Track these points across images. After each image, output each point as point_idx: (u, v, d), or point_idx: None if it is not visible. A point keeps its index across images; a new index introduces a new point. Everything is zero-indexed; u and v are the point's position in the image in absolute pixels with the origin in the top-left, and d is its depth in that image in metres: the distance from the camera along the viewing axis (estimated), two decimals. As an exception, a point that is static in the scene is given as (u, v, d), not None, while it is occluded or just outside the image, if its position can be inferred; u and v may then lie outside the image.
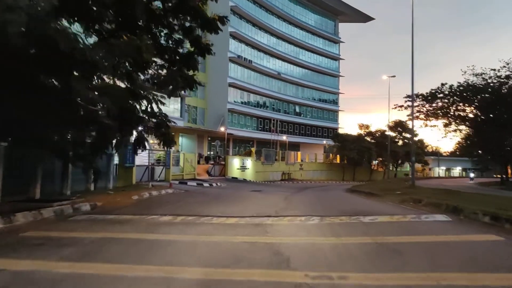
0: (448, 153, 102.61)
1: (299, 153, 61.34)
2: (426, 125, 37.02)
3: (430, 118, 36.13)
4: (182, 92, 47.33)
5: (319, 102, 78.22)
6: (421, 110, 35.93)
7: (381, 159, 70.04)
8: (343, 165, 66.48)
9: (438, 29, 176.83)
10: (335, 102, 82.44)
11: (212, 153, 53.57)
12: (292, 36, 71.48)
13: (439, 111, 35.44)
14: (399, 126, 70.88)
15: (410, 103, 34.61)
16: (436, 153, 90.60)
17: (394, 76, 49.77)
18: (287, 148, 59.71)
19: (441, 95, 35.04)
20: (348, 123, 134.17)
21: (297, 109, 74.43)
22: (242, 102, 61.94)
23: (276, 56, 68.83)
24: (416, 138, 72.63)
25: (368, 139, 68.97)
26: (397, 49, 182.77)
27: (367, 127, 69.00)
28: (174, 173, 30.01)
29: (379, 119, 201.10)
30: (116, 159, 22.84)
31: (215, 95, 58.55)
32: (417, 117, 35.79)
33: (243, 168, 43.25)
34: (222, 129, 52.61)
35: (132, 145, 23.76)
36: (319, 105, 77.96)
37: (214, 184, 29.75)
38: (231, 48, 59.00)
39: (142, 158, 27.44)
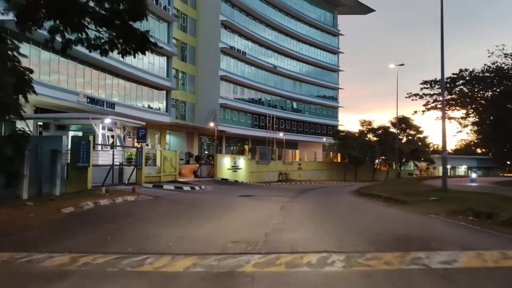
0: (448, 151, 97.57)
1: (297, 151, 56.17)
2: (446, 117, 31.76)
3: (452, 108, 30.93)
4: (166, 83, 42.03)
5: (317, 98, 73.07)
6: (438, 99, 30.75)
7: (383, 157, 64.87)
8: (344, 164, 61.33)
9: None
10: (334, 98, 77.31)
11: (206, 152, 48.30)
12: (288, 28, 66.31)
13: (458, 100, 30.34)
14: (402, 122, 65.84)
15: (427, 91, 29.53)
16: (437, 151, 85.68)
17: (402, 65, 44.64)
18: (284, 146, 54.50)
19: (461, 81, 29.95)
20: (348, 121, 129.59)
21: (295, 105, 69.24)
22: (235, 97, 56.71)
23: (271, 48, 63.65)
24: (421, 135, 67.85)
25: (371, 136, 63.77)
26: (400, 43, 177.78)
27: (369, 123, 63.92)
28: (149, 175, 24.79)
29: (381, 117, 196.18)
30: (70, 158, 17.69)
31: (206, 89, 53.35)
32: (435, 107, 30.66)
33: (234, 168, 38.02)
34: (212, 124, 47.40)
35: (85, 140, 18.59)
36: (317, 101, 72.81)
37: (197, 188, 24.53)
38: (223, 39, 53.80)
39: (106, 156, 22.20)
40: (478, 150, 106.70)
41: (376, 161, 66.79)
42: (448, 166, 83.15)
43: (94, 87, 34.14)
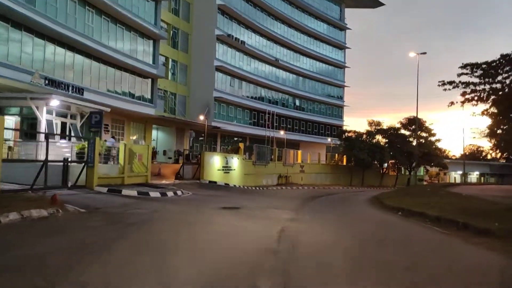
0: (455, 157, 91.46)
1: (299, 151, 49.90)
2: (486, 113, 25.26)
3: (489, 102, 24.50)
4: (152, 70, 35.70)
5: (322, 96, 66.73)
6: (478, 89, 24.39)
7: (393, 161, 58.53)
8: (350, 167, 54.97)
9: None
10: (339, 97, 70.94)
11: (190, 149, 41.95)
12: (292, 18, 60.07)
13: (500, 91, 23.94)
14: (414, 123, 59.47)
15: (469, 78, 23.21)
16: (447, 157, 79.56)
17: (424, 53, 38.29)
18: (285, 147, 48.22)
19: (507, 68, 23.58)
20: (354, 124, 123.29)
21: (297, 103, 62.95)
22: (232, 91, 50.43)
23: (273, 40, 57.41)
24: (433, 138, 61.61)
25: (379, 137, 57.45)
26: (409, 40, 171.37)
27: (378, 123, 57.59)
28: (106, 175, 18.54)
29: (389, 121, 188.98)
30: None
31: (199, 80, 47.15)
32: (471, 100, 24.27)
33: (226, 169, 31.76)
34: (202, 118, 41.24)
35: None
36: (322, 99, 66.53)
37: (170, 193, 18.28)
38: (220, 25, 47.59)
39: (54, 150, 15.95)
40: (489, 156, 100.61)
41: (384, 165, 60.48)
42: (459, 173, 76.84)
43: (58, 68, 27.92)
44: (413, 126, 59.95)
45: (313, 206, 19.27)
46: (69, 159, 16.91)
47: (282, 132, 51.73)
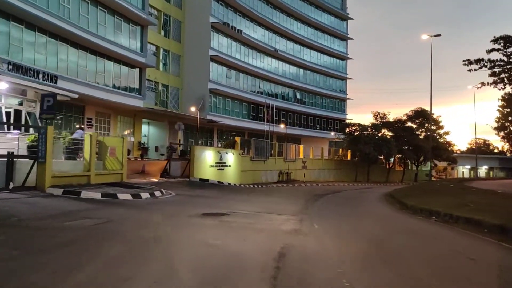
0: (460, 151, 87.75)
1: (301, 146, 46.15)
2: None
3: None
4: (140, 59, 32.01)
5: (323, 88, 62.93)
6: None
7: (400, 155, 54.78)
8: (355, 162, 51.27)
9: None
10: (342, 90, 67.11)
11: (182, 144, 38.30)
12: (291, 7, 56.26)
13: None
14: (420, 115, 55.80)
15: (497, 55, 19.57)
16: (453, 151, 75.79)
17: (439, 35, 34.46)
18: (286, 142, 44.53)
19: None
20: (356, 117, 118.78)
21: (298, 96, 59.22)
22: (229, 83, 46.74)
23: (272, 29, 53.64)
24: (441, 131, 57.92)
25: (385, 131, 53.69)
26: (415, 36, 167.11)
27: (384, 115, 53.75)
28: (66, 173, 14.91)
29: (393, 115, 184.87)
30: None
31: (194, 71, 43.48)
32: (501, 81, 20.60)
33: (220, 165, 28.12)
34: (193, 109, 37.71)
35: None
36: (323, 92, 62.74)
37: (145, 195, 14.69)
38: (214, 12, 43.87)
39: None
40: (495, 150, 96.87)
41: (390, 160, 56.77)
42: (467, 167, 73.10)
43: (27, 52, 24.29)
44: (420, 119, 56.44)
45: (320, 209, 15.65)
46: (13, 153, 13.25)
47: (282, 126, 48.03)
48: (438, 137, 57.05)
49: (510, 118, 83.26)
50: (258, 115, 50.29)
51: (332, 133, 59.06)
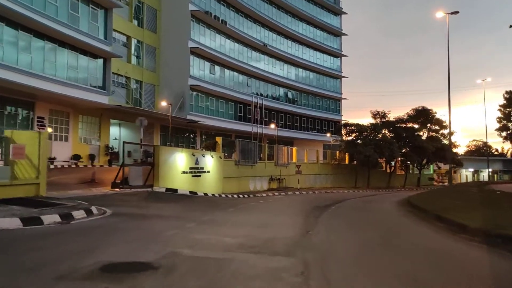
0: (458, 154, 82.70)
1: (294, 149, 40.52)
2: None
3: None
4: (104, 47, 25.99)
5: (317, 87, 57.42)
6: None
7: (401, 158, 49.34)
8: (354, 167, 45.76)
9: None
10: (337, 89, 61.59)
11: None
12: (281, -1, 50.87)
13: None
14: (422, 115, 50.49)
15: None
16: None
17: (456, 12, 28.98)
18: (277, 143, 38.88)
19: None
20: (352, 120, 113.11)
21: (290, 95, 53.64)
22: (213, 79, 41.08)
23: (260, 22, 48.22)
24: (445, 131, 52.66)
25: (386, 131, 48.23)
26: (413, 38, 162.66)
27: (384, 115, 48.21)
28: None
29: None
30: None
31: (171, 65, 37.85)
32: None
33: (196, 171, 22.40)
34: (164, 103, 32.19)
35: None
36: (317, 91, 57.22)
37: (52, 219, 9.21)
38: (195, 0, 38.28)
39: None
40: (495, 152, 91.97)
41: (391, 163, 51.42)
42: (471, 170, 67.92)
43: None
44: (422, 118, 51.12)
45: (328, 233, 10.11)
46: None
47: (273, 126, 42.42)
48: (441, 138, 51.66)
49: (512, 118, 78.57)
50: (246, 115, 44.68)
51: (328, 135, 53.58)
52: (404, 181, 50.80)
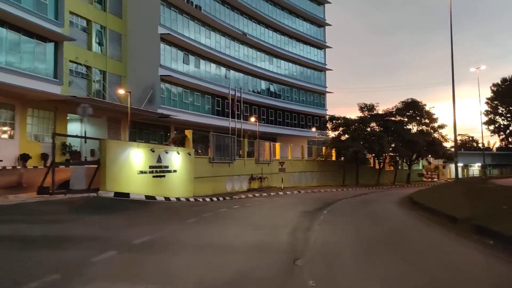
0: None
1: (277, 144, 36.69)
2: None
3: None
4: (54, 29, 21.93)
5: (301, 80, 53.68)
6: None
7: (391, 153, 45.92)
8: (341, 163, 42.19)
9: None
10: (321, 83, 57.89)
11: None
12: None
13: None
14: (411, 107, 47.16)
15: None
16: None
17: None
18: (258, 138, 34.97)
19: None
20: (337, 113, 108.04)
21: (272, 88, 49.81)
22: (187, 70, 37.01)
23: (239, 9, 44.35)
24: (435, 124, 49.60)
25: (374, 125, 44.68)
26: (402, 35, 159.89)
27: (372, 107, 44.63)
28: None
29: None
30: None
31: (140, 54, 33.75)
32: None
33: (158, 170, 18.41)
34: (123, 91, 28.16)
35: None
36: (300, 84, 53.48)
37: None
38: (165, -19, 34.18)
39: None
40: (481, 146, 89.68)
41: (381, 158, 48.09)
42: (460, 164, 65.03)
43: None
44: (411, 111, 47.83)
45: (330, 266, 6.21)
46: None
47: (253, 119, 38.53)
48: (432, 131, 48.43)
49: (499, 111, 76.35)
50: (225, 110, 40.61)
51: (313, 129, 49.93)
52: (394, 178, 47.48)
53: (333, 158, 43.00)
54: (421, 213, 13.66)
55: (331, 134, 43.86)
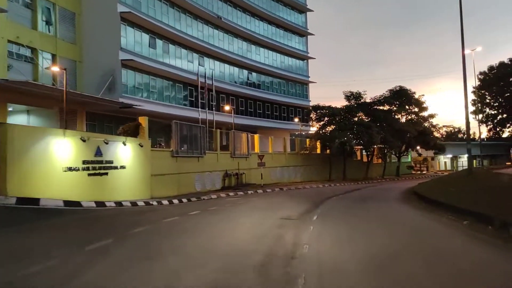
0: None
1: (256, 136, 32.47)
2: None
3: None
4: None
5: (281, 69, 49.47)
6: None
7: (380, 145, 42.06)
8: (327, 156, 38.20)
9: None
10: (303, 73, 53.77)
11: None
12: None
13: None
14: (400, 96, 43.34)
15: None
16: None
17: None
18: (234, 128, 30.66)
19: None
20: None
21: (250, 77, 45.50)
22: (153, 55, 32.49)
23: (212, -10, 39.77)
24: (425, 113, 46.12)
25: (361, 115, 40.75)
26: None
27: (359, 95, 40.67)
28: None
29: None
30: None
31: (98, 36, 29.15)
32: None
33: (97, 167, 13.90)
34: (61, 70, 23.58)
35: None
36: (281, 73, 49.28)
37: None
38: (125, -47, 29.55)
39: None
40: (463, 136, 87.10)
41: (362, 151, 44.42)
42: (449, 156, 61.85)
43: None
44: (400, 100, 44.04)
45: None
46: None
47: (227, 108, 34.29)
48: (422, 121, 44.85)
49: (487, 100, 73.45)
50: (199, 100, 36.06)
51: (296, 119, 45.86)
52: (383, 171, 43.74)
53: (318, 151, 38.96)
54: (448, 216, 9.63)
55: (316, 125, 39.84)
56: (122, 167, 15.61)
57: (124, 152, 15.81)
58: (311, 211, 12.29)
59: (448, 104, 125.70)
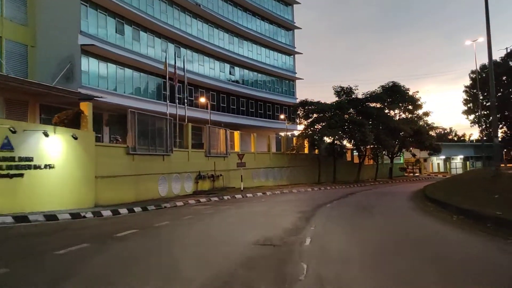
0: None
1: (236, 133, 28.49)
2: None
3: None
4: None
5: (266, 65, 45.65)
6: None
7: (373, 145, 38.35)
8: (315, 157, 34.49)
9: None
10: (290, 69, 50.01)
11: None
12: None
13: None
14: (393, 92, 39.76)
15: None
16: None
17: None
18: (210, 123, 26.71)
19: None
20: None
21: (232, 72, 41.57)
22: (120, 41, 28.44)
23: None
24: (420, 111, 42.73)
25: (352, 112, 37.12)
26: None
27: (350, 91, 37.03)
28: None
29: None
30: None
31: (53, 17, 25.03)
32: None
33: (4, 166, 9.73)
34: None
35: None
36: (266, 68, 45.48)
37: None
38: None
39: None
40: (455, 138, 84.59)
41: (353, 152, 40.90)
42: (442, 157, 58.67)
43: None
44: (393, 97, 40.50)
45: None
46: None
47: (203, 99, 30.41)
48: (416, 119, 41.48)
49: (480, 99, 70.68)
50: (176, 95, 31.96)
51: (282, 116, 42.09)
52: (375, 173, 40.19)
53: (306, 150, 35.23)
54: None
55: (303, 122, 36.14)
56: (49, 166, 11.67)
57: (52, 147, 11.87)
58: (301, 229, 8.54)
59: (436, 105, 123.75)
